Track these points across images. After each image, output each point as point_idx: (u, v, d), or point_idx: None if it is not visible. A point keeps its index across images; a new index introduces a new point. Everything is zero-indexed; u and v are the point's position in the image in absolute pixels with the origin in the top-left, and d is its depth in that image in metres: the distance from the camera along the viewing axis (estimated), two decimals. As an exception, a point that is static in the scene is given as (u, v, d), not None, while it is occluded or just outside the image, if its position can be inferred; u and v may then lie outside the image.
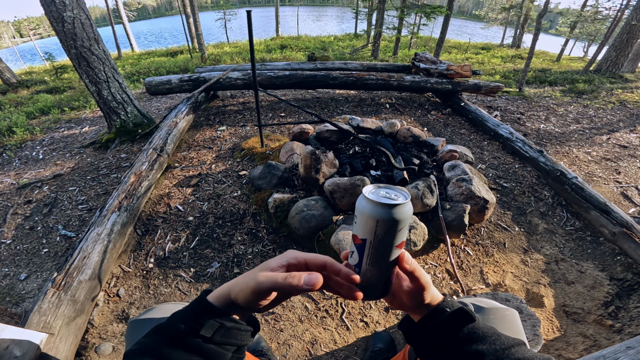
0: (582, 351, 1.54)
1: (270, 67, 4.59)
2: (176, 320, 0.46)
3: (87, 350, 1.54)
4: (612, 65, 7.43)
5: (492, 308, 0.86)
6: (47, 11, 2.81)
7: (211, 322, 0.45)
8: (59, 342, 1.40)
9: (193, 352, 0.43)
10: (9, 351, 1.18)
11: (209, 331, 0.44)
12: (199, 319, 0.45)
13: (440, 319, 0.53)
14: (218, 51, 11.19)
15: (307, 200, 2.01)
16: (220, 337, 0.45)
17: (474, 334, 0.52)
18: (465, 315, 0.53)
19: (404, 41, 13.11)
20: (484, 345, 0.51)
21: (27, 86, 7.59)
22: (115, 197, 2.20)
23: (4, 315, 1.68)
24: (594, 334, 1.63)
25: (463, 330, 0.52)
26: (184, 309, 0.48)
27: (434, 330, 0.54)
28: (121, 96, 3.35)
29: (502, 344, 0.51)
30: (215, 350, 0.45)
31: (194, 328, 0.44)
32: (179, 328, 0.44)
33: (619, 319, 1.69)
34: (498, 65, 9.01)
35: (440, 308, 0.54)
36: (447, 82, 4.22)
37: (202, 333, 0.44)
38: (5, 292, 1.87)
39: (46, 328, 1.41)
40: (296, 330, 1.63)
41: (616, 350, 1.13)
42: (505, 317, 0.84)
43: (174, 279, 1.89)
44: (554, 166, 2.70)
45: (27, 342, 1.25)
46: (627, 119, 4.36)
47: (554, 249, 2.14)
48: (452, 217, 1.97)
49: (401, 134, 2.74)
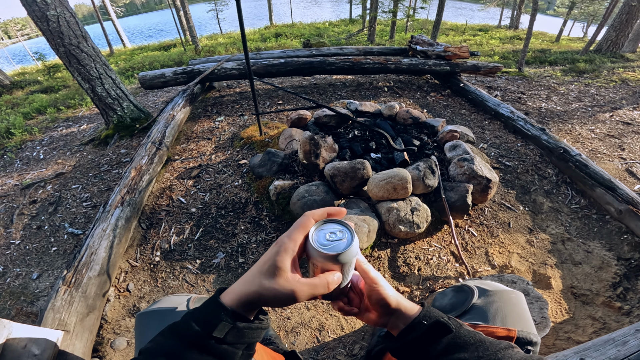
0: (592, 334, 1.52)
1: (265, 56, 4.52)
2: (190, 320, 0.46)
3: (103, 346, 1.56)
4: (612, 45, 7.32)
5: (496, 291, 0.87)
6: (29, 11, 2.75)
7: (223, 323, 0.45)
8: (75, 339, 1.42)
9: (206, 353, 0.44)
10: (27, 350, 1.19)
11: (222, 332, 0.45)
12: (212, 321, 0.46)
13: (417, 334, 0.53)
14: (212, 42, 11.03)
15: (308, 186, 2.00)
16: (232, 337, 0.46)
17: (454, 345, 0.52)
18: (443, 327, 0.53)
19: (400, 24, 12.87)
20: (465, 353, 0.51)
21: (22, 87, 7.51)
22: (117, 192, 2.20)
23: (20, 315, 1.71)
24: (603, 316, 1.61)
25: (442, 341, 0.52)
26: (198, 310, 0.48)
27: (412, 345, 0.54)
28: (115, 92, 3.32)
29: (487, 350, 0.51)
30: (228, 350, 0.46)
31: (207, 330, 0.45)
32: (193, 329, 0.45)
33: (627, 300, 1.67)
34: (497, 46, 8.86)
35: (417, 322, 0.54)
36: (445, 63, 4.16)
37: (214, 334, 0.45)
38: (19, 292, 1.89)
39: (61, 325, 1.42)
40: (303, 317, 1.65)
41: (625, 334, 1.13)
42: (511, 300, 0.85)
43: (180, 271, 1.90)
44: (557, 144, 2.67)
45: (44, 340, 1.27)
46: (630, 97, 4.30)
47: (559, 228, 2.13)
48: (455, 197, 1.96)
49: (400, 116, 2.71)
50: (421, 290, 1.73)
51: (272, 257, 0.48)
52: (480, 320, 0.79)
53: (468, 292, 0.88)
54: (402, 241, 1.95)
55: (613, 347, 1.08)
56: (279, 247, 0.48)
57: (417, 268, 1.83)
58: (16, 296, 1.87)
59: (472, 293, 0.87)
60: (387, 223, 1.85)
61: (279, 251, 0.48)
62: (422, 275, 1.80)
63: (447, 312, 0.88)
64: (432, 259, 1.88)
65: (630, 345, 1.07)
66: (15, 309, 1.76)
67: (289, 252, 0.47)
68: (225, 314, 0.46)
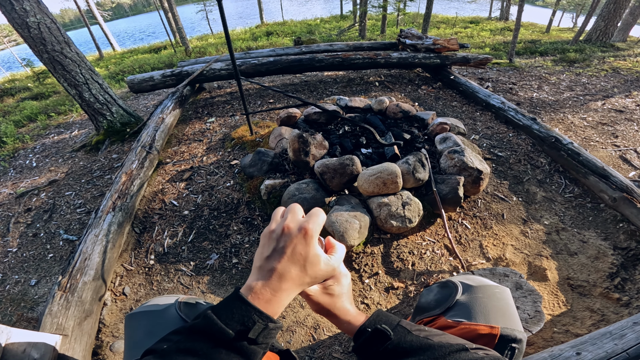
0: (590, 326, 1.49)
1: (254, 55, 4.49)
2: (217, 321, 0.47)
3: (102, 349, 1.57)
4: (602, 34, 7.33)
5: (480, 286, 0.86)
6: (9, 19, 2.72)
7: (258, 324, 0.47)
8: (74, 342, 1.45)
9: (235, 352, 0.46)
10: (26, 354, 1.21)
11: (255, 333, 0.47)
12: (247, 322, 0.47)
13: (361, 341, 0.58)
14: (202, 43, 10.95)
15: (299, 184, 2.00)
16: (262, 338, 0.48)
17: (400, 349, 0.54)
18: (382, 334, 0.56)
19: (390, 19, 12.83)
20: (411, 358, 0.53)
21: (12, 94, 7.43)
22: (108, 197, 2.19)
23: (22, 320, 1.74)
24: (602, 308, 1.58)
25: (387, 346, 0.55)
26: (224, 310, 0.48)
27: (361, 351, 0.58)
28: (104, 97, 3.29)
29: (433, 355, 0.52)
30: (255, 350, 0.47)
31: (241, 330, 0.46)
32: (224, 330, 0.46)
33: (625, 291, 1.64)
34: (487, 38, 8.85)
35: (362, 329, 0.59)
36: (434, 56, 4.15)
37: (250, 336, 0.46)
38: (19, 298, 1.90)
39: (60, 329, 1.45)
40: (298, 316, 1.65)
41: (623, 327, 1.12)
42: (494, 295, 0.84)
43: (175, 274, 1.90)
44: (548, 133, 2.67)
45: (42, 345, 1.29)
46: (622, 85, 4.31)
47: (554, 218, 2.11)
48: (447, 190, 1.96)
49: (390, 110, 2.70)
50: (416, 285, 1.73)
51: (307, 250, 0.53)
52: (464, 317, 0.79)
53: (452, 288, 0.88)
54: (395, 236, 1.94)
55: (610, 341, 1.07)
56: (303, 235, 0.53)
57: (411, 263, 1.83)
58: (16, 302, 1.88)
59: (456, 289, 0.86)
60: (379, 218, 1.85)
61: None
62: (416, 270, 1.80)
63: (432, 309, 0.88)
64: (426, 254, 1.87)
65: (628, 339, 1.06)
66: (16, 315, 1.78)
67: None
68: (257, 316, 0.47)
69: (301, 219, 0.54)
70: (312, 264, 0.52)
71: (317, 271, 0.53)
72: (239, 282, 1.83)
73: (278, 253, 0.51)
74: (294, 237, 0.51)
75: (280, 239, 0.52)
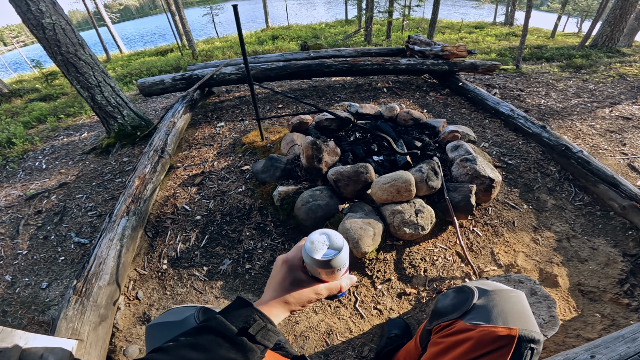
0: (601, 331, 1.52)
1: (263, 60, 4.53)
2: (223, 319, 0.53)
3: (116, 354, 1.57)
4: (607, 40, 7.36)
5: (496, 290, 0.87)
6: (24, 19, 2.75)
7: (258, 322, 0.53)
8: (89, 347, 1.44)
9: (235, 348, 0.51)
10: (44, 359, 1.21)
11: (255, 330, 0.52)
12: (248, 320, 0.54)
13: None
14: (209, 47, 11.04)
15: (312, 191, 2.01)
16: (260, 336, 0.53)
17: None
18: None
19: (396, 24, 12.89)
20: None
21: (20, 95, 7.51)
22: (122, 201, 2.21)
23: (32, 324, 1.73)
24: (612, 313, 1.61)
25: None
26: (230, 311, 0.56)
27: None
28: (115, 100, 3.32)
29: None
30: (253, 348, 0.52)
31: (243, 327, 0.52)
32: (227, 326, 0.52)
33: (635, 297, 1.67)
34: (493, 43, 8.89)
35: None
36: (443, 63, 4.17)
37: (249, 332, 0.52)
38: (30, 301, 1.91)
39: (75, 334, 1.44)
40: (311, 321, 1.65)
41: (634, 330, 1.13)
42: (510, 299, 0.84)
43: (188, 279, 1.91)
44: (558, 141, 2.68)
45: (59, 350, 1.28)
46: (629, 92, 4.31)
47: (564, 226, 2.13)
48: (459, 198, 1.97)
49: (401, 117, 2.72)
50: (428, 291, 1.74)
51: (289, 273, 0.63)
52: (482, 320, 0.80)
53: (468, 293, 0.89)
54: (407, 243, 1.96)
55: (623, 344, 1.09)
56: (289, 265, 0.64)
57: (423, 269, 1.84)
58: (27, 305, 1.88)
59: (472, 293, 0.87)
60: (392, 225, 1.86)
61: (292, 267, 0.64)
62: (429, 276, 1.81)
63: (449, 313, 0.90)
64: (438, 260, 1.89)
65: (639, 342, 1.08)
66: (27, 318, 1.77)
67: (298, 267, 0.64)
68: (258, 315, 0.55)
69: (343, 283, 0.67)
70: (289, 286, 0.64)
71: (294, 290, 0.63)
72: (252, 287, 1.84)
73: None
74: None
75: None
